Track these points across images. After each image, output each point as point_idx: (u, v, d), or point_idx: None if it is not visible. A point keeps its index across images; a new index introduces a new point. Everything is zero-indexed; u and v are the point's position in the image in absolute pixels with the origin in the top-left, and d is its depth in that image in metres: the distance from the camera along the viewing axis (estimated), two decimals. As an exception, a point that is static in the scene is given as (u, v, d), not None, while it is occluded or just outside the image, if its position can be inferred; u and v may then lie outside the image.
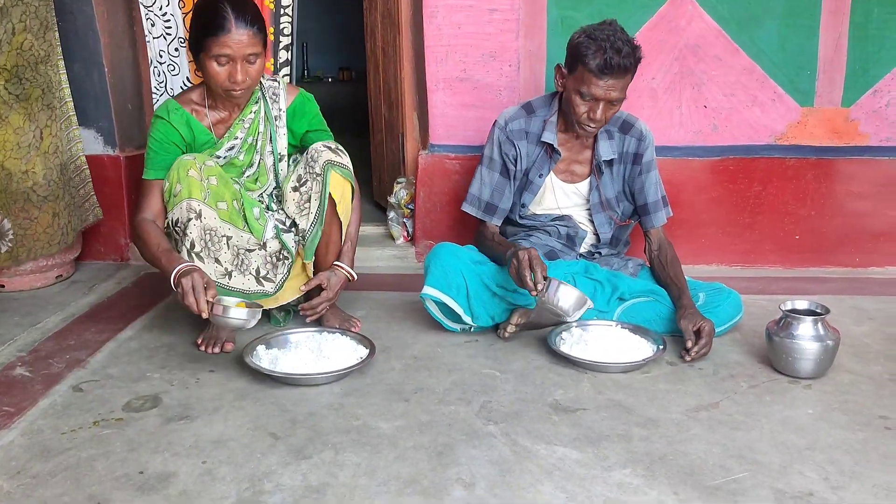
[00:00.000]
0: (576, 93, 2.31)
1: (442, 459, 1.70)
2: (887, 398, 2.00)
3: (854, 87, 2.96)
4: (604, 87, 2.25)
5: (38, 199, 2.77)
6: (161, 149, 2.25)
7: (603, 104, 2.28)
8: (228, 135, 2.33)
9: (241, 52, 2.13)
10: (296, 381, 2.06)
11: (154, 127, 2.27)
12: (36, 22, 2.74)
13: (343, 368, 2.09)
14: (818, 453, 1.72)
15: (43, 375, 2.14)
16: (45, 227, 2.81)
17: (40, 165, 2.77)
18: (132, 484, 1.61)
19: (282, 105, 2.37)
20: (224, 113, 2.33)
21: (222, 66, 2.15)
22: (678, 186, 2.95)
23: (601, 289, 2.44)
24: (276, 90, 2.38)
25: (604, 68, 2.21)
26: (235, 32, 2.11)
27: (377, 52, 3.58)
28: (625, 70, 2.24)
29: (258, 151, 2.38)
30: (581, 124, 2.34)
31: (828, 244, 3.08)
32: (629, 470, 1.66)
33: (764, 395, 2.01)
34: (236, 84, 2.17)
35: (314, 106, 2.44)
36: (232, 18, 2.11)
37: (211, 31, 2.12)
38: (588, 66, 2.24)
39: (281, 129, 2.38)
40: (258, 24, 2.17)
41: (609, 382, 2.09)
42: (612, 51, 2.20)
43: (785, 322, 2.12)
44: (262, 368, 2.08)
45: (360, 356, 2.17)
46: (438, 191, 3.10)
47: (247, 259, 2.29)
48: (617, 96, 2.28)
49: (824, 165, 3.03)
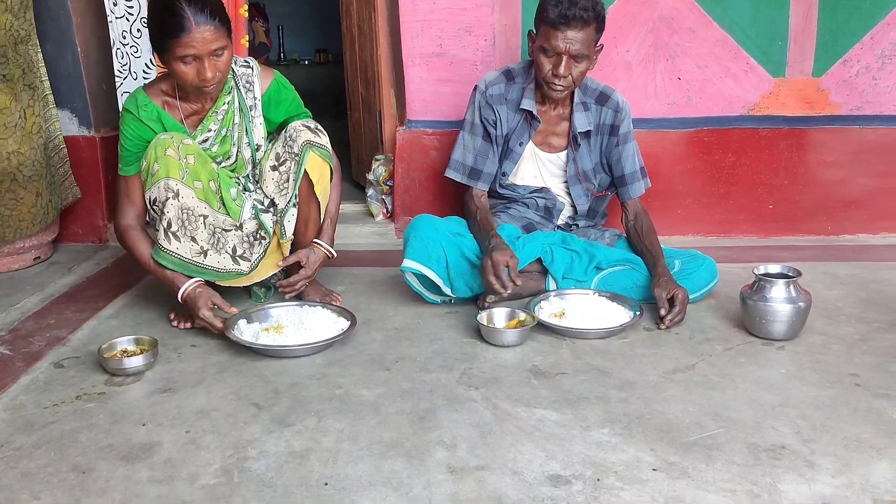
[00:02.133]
0: (540, 51, 2.34)
1: (424, 423, 1.73)
2: (858, 357, 2.05)
3: (824, 58, 3.00)
4: (563, 40, 2.27)
5: (23, 179, 2.75)
6: (133, 146, 2.20)
7: (566, 59, 2.30)
8: (201, 127, 2.26)
9: (206, 49, 2.03)
10: (278, 353, 2.08)
11: (124, 123, 2.20)
12: (17, 1, 2.71)
13: (325, 340, 2.11)
14: (790, 409, 1.77)
15: (23, 353, 2.14)
16: (30, 207, 2.80)
17: (26, 145, 2.75)
18: (116, 454, 1.63)
19: (256, 94, 2.30)
20: (196, 105, 2.25)
21: (189, 65, 2.06)
22: (654, 158, 2.97)
23: (578, 259, 2.47)
24: (249, 78, 2.30)
25: (561, 18, 2.25)
26: (197, 31, 2.01)
27: (353, 30, 3.57)
28: (583, 21, 2.26)
29: (235, 144, 2.32)
30: (548, 83, 2.36)
31: (801, 213, 3.13)
32: (607, 429, 1.70)
33: (738, 357, 2.06)
34: (206, 81, 2.08)
35: (290, 91, 2.37)
36: (190, 16, 2.00)
37: (171, 33, 2.02)
38: (547, 20, 2.28)
39: (257, 118, 2.32)
40: (219, 14, 2.06)
41: (587, 348, 2.13)
42: (568, 2, 2.25)
43: (758, 286, 2.16)
44: (243, 341, 2.09)
45: (342, 328, 2.19)
46: (417, 167, 3.11)
47: (223, 238, 2.28)
48: (578, 50, 2.29)
49: (796, 135, 3.07)
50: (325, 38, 6.92)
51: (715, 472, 1.53)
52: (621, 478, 1.51)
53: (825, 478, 1.50)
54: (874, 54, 2.99)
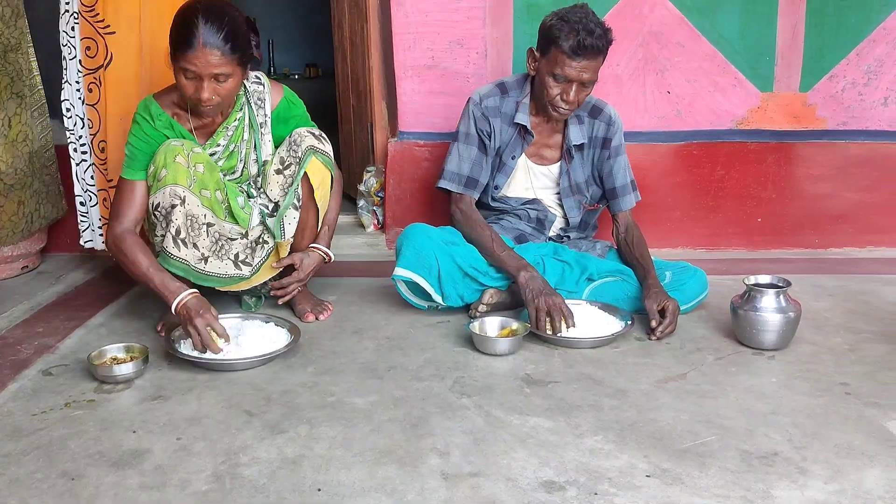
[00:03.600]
0: (549, 75, 2.34)
1: (417, 431, 1.72)
2: (847, 366, 2.06)
3: (811, 73, 3.04)
4: (577, 69, 2.29)
5: (3, 188, 2.73)
6: (145, 149, 2.18)
7: (576, 86, 2.32)
8: (210, 142, 2.26)
9: (208, 72, 2.03)
10: (209, 365, 2.04)
11: (137, 127, 2.19)
12: (8, 10, 2.71)
13: (260, 355, 2.06)
14: (782, 417, 1.78)
15: (11, 361, 2.11)
16: (10, 216, 2.78)
17: (7, 154, 2.73)
18: (106, 460, 1.61)
19: (267, 111, 2.30)
20: (206, 119, 2.24)
21: (189, 80, 2.06)
22: (644, 171, 3.00)
23: (570, 270, 2.48)
24: (261, 95, 2.29)
25: (577, 49, 2.26)
26: (201, 51, 2.00)
27: (345, 43, 3.59)
28: (597, 51, 2.28)
29: (242, 160, 2.31)
30: (554, 106, 2.38)
31: (789, 226, 3.16)
32: (601, 437, 1.70)
33: (729, 367, 2.07)
34: (201, 101, 2.08)
35: (299, 108, 2.36)
36: (200, 36, 1.99)
37: (180, 45, 2.02)
38: (561, 48, 2.28)
39: (266, 135, 2.31)
40: (233, 41, 2.03)
41: (579, 357, 2.13)
42: (584, 32, 2.25)
43: (749, 295, 2.17)
44: (180, 353, 2.06)
45: (280, 344, 2.13)
46: (408, 178, 3.12)
47: (227, 245, 2.28)
48: (589, 78, 2.32)
49: (784, 149, 3.11)
50: (315, 53, 6.95)
51: (708, 478, 1.53)
52: (615, 484, 1.51)
53: (818, 484, 1.51)
54: (860, 70, 3.04)
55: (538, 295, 2.24)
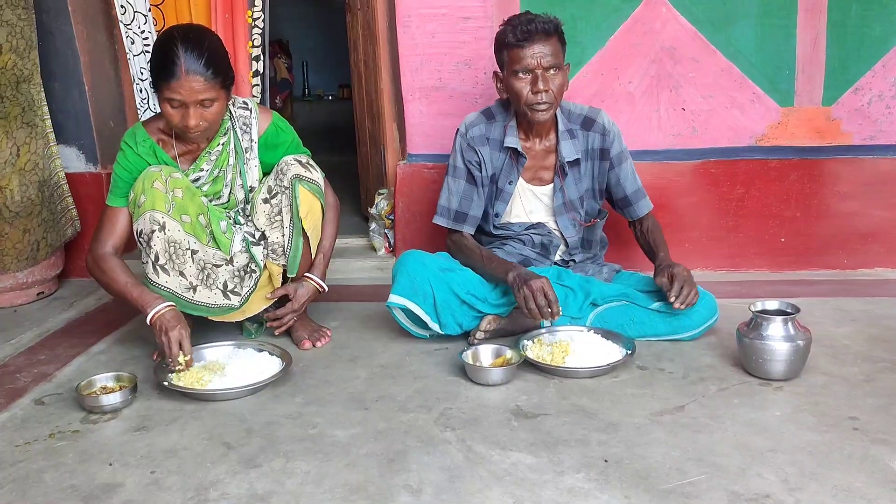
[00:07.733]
0: (512, 76, 2.31)
1: (392, 466, 1.67)
2: (859, 399, 1.94)
3: (834, 86, 2.91)
4: (531, 55, 2.26)
5: (9, 216, 2.78)
6: (127, 177, 2.22)
7: (540, 73, 2.27)
8: (194, 167, 2.27)
9: (193, 98, 2.05)
10: (196, 395, 2.02)
11: (122, 154, 2.23)
12: (22, 42, 2.78)
13: (246, 385, 2.04)
14: (780, 455, 1.67)
15: (7, 390, 2.14)
16: (15, 243, 2.83)
17: (15, 182, 2.79)
18: (77, 495, 1.60)
19: (253, 136, 2.30)
20: (192, 144, 2.26)
21: (175, 108, 2.08)
22: (659, 191, 2.90)
23: (573, 295, 2.41)
24: (247, 119, 2.29)
25: (523, 35, 2.25)
26: (185, 79, 2.02)
27: (360, 65, 3.58)
28: (545, 33, 2.26)
29: (228, 185, 2.32)
30: (530, 106, 2.31)
31: (815, 246, 3.02)
32: (582, 474, 1.62)
33: (732, 398, 1.97)
34: (188, 129, 2.10)
35: (288, 134, 2.35)
36: (182, 64, 2.01)
37: (162, 76, 2.04)
38: (509, 44, 2.28)
39: (252, 160, 2.31)
40: (215, 66, 2.07)
41: (575, 387, 2.05)
42: (524, 21, 2.28)
43: (755, 323, 2.07)
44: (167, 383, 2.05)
45: (267, 373, 2.10)
46: (417, 200, 3.09)
47: (213, 273, 2.27)
48: (550, 62, 2.27)
49: (808, 166, 2.98)
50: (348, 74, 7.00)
51: (689, 522, 1.45)
52: (589, 527, 1.44)
53: (807, 531, 1.41)
54: (887, 82, 2.90)
55: (522, 284, 2.19)
